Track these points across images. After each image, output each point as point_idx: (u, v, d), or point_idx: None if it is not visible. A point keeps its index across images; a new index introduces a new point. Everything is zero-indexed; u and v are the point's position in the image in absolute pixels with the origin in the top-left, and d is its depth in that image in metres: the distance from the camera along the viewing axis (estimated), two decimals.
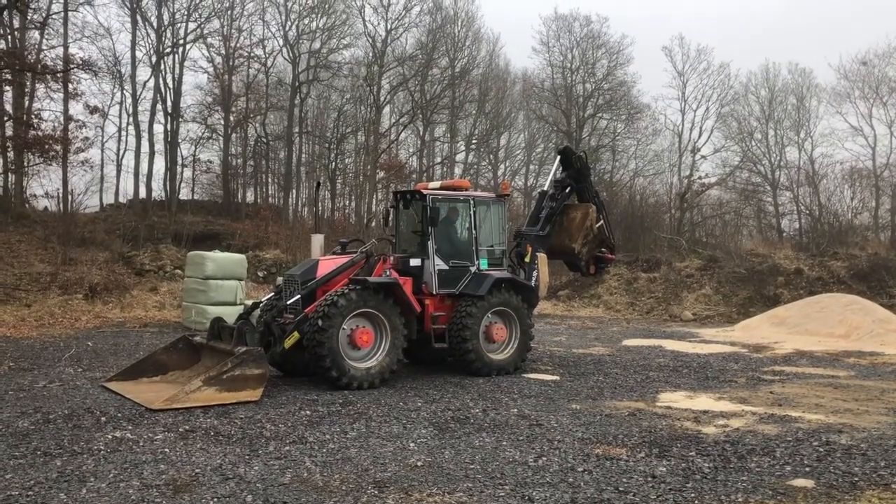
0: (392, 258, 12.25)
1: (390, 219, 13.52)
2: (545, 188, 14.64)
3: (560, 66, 42.98)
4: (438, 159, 44.89)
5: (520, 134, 47.84)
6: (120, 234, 29.62)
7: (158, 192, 36.48)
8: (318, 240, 13.30)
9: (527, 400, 10.44)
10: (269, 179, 42.18)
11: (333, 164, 41.48)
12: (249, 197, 40.91)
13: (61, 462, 6.99)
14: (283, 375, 11.90)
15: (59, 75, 29.35)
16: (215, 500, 6.00)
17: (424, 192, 12.52)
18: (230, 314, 18.86)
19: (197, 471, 6.77)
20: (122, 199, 36.25)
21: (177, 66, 35.63)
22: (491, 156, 45.74)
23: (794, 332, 18.91)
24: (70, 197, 29.77)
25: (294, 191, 40.72)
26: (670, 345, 17.47)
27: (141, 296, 23.80)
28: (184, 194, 37.92)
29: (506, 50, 68.61)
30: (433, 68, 39.84)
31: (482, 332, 12.38)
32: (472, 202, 12.85)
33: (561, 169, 14.58)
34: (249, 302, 19.98)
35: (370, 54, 38.98)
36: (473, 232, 12.77)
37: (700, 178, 39.81)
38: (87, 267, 24.44)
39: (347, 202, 43.80)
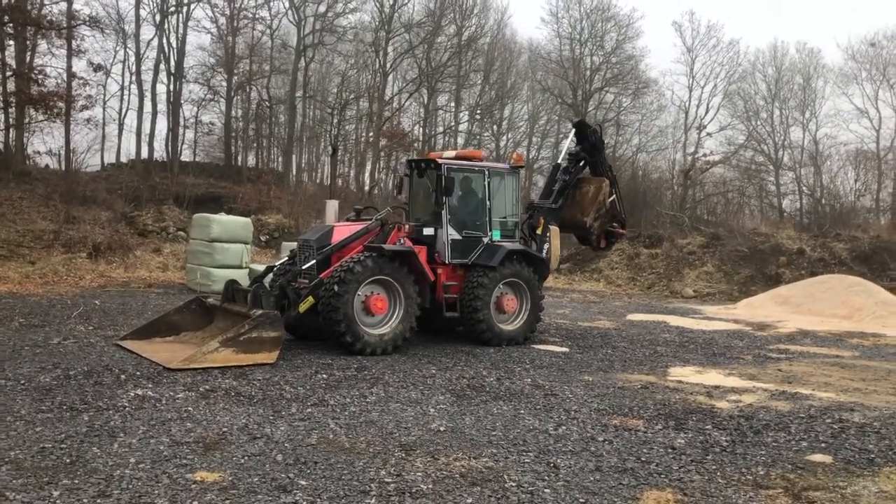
0: (407, 226, 12.27)
1: (404, 187, 13.51)
2: (559, 161, 14.65)
3: (568, 38, 42.70)
4: (440, 129, 44.72)
5: (523, 105, 47.65)
6: (121, 194, 29.53)
7: (160, 152, 36.36)
8: (332, 205, 13.33)
9: (539, 370, 10.55)
10: (271, 143, 42.01)
11: (336, 130, 41.31)
12: (251, 160, 40.78)
13: (88, 417, 7.07)
14: (296, 339, 11.98)
15: (63, 31, 29.08)
16: (245, 458, 6.09)
17: (439, 161, 12.51)
18: (235, 277, 18.98)
19: (224, 429, 6.86)
20: (122, 159, 36.12)
21: (181, 25, 35.35)
22: (494, 126, 45.57)
23: (797, 312, 19.06)
24: (73, 155, 29.56)
25: (295, 155, 40.59)
26: (674, 321, 17.60)
27: (144, 256, 23.82)
28: (185, 156, 37.83)
29: (513, 20, 68.20)
30: (440, 36, 39.52)
31: (493, 302, 12.46)
32: (486, 173, 12.85)
33: (575, 142, 14.57)
34: (255, 266, 20.11)
35: (377, 19, 38.66)
36: (487, 203, 12.79)
37: (704, 155, 39.83)
38: (90, 226, 24.40)
39: (348, 169, 43.74)
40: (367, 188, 36.70)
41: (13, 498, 5.03)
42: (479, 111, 43.92)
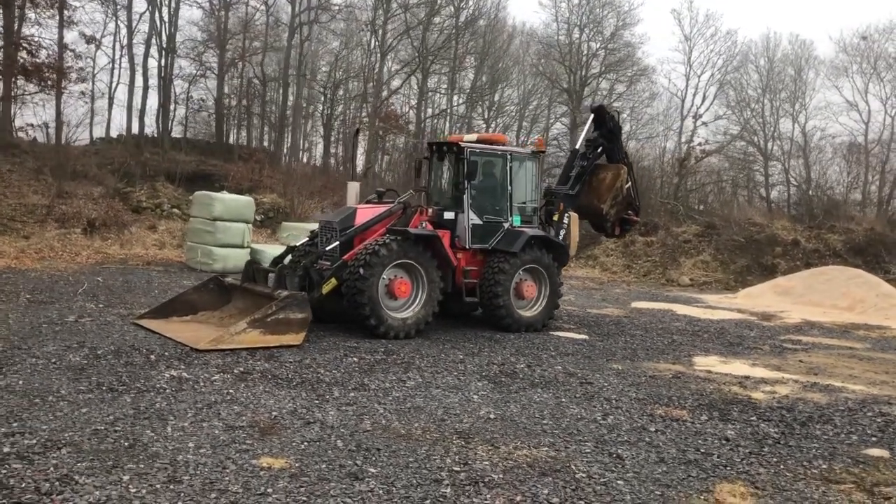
0: (430, 210, 12.13)
1: (423, 170, 13.35)
2: (577, 147, 14.54)
3: (566, 22, 42.40)
4: (430, 112, 44.31)
5: (514, 90, 47.30)
6: (111, 169, 29.01)
7: (151, 127, 35.79)
8: (353, 187, 13.12)
9: (566, 357, 10.50)
10: (263, 122, 41.49)
11: (329, 109, 40.89)
12: (242, 139, 40.26)
13: (130, 398, 6.90)
14: (315, 321, 11.78)
15: (55, 1, 28.46)
16: (305, 444, 5.97)
17: (462, 144, 12.36)
18: (237, 257, 18.74)
19: (274, 413, 6.73)
20: (112, 134, 35.51)
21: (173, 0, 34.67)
22: (486, 111, 45.29)
23: (798, 303, 19.18)
24: (66, 128, 28.98)
25: (288, 135, 40.13)
26: (680, 309, 17.62)
27: (140, 233, 23.47)
28: (175, 132, 37.24)
29: (511, 2, 67.71)
30: (437, 16, 39.04)
31: (513, 288, 12.37)
32: (508, 157, 12.72)
33: (593, 128, 14.47)
34: (255, 245, 19.87)
35: None
36: (508, 188, 12.67)
37: (700, 144, 39.88)
38: (83, 201, 23.97)
39: (338, 150, 43.34)
40: (360, 169, 36.31)
41: (84, 482, 4.87)
42: (473, 94, 43.53)
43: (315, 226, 12.61)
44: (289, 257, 12.08)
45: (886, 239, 25.16)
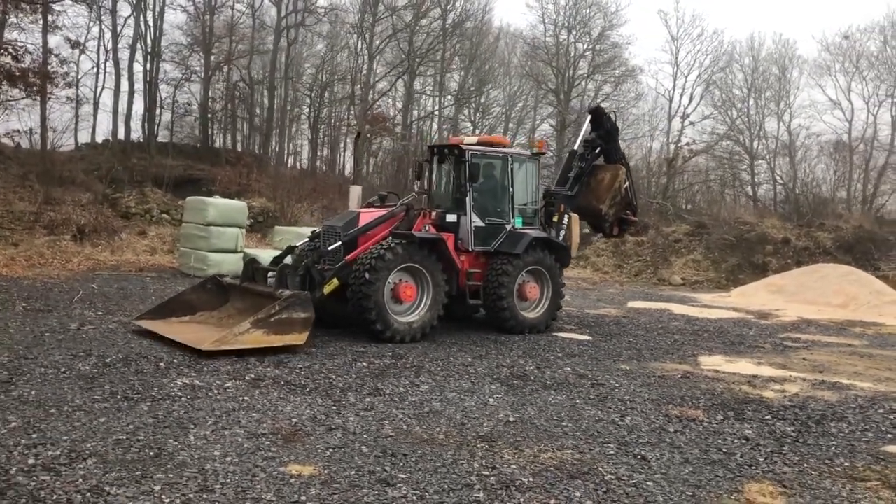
0: (433, 213, 12.10)
1: (423, 173, 13.32)
2: (575, 148, 14.57)
3: (553, 24, 42.47)
4: (417, 114, 44.23)
5: (500, 91, 47.33)
6: (98, 175, 28.74)
7: (137, 132, 35.53)
8: (355, 191, 13.07)
9: (573, 359, 10.51)
10: (251, 126, 41.28)
11: (315, 112, 40.74)
12: (228, 143, 40.03)
13: (147, 407, 6.83)
14: (317, 324, 11.63)
15: (38, 6, 28.14)
16: (330, 450, 5.93)
17: (464, 147, 12.34)
18: (230, 262, 18.63)
19: (294, 420, 6.68)
20: (97, 139, 35.22)
21: (158, 3, 34.46)
22: (475, 112, 45.27)
23: (792, 301, 19.31)
24: (52, 134, 28.69)
25: (275, 138, 39.96)
26: (676, 308, 17.70)
27: (130, 239, 23.24)
28: (161, 137, 36.96)
29: (498, 3, 67.88)
30: (424, 18, 39.00)
31: (516, 290, 12.37)
32: (509, 159, 12.71)
33: (590, 129, 14.51)
34: (248, 250, 19.76)
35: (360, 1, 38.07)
36: (510, 190, 12.66)
37: (687, 144, 40.06)
38: (71, 207, 23.72)
39: (325, 153, 43.20)
40: (348, 173, 36.25)
41: (115, 493, 4.81)
42: (461, 96, 43.49)
43: (310, 229, 12.53)
44: (289, 257, 12.02)
45: (875, 236, 25.42)
